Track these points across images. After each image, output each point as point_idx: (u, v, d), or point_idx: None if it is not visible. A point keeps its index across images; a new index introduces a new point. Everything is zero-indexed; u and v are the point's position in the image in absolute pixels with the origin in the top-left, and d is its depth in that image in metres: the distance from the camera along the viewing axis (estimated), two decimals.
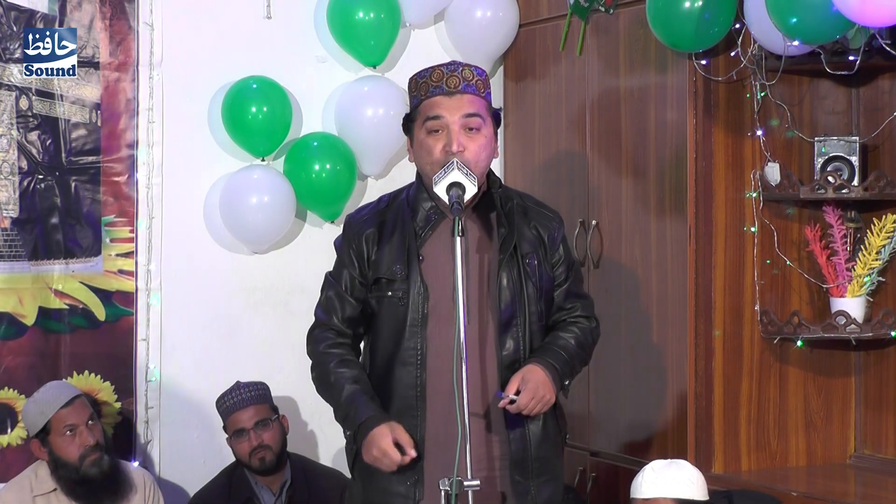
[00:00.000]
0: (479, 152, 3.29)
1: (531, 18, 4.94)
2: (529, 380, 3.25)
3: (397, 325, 3.32)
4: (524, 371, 3.28)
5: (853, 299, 4.23)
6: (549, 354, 3.34)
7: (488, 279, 3.33)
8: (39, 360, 4.42)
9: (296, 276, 4.82)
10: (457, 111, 3.28)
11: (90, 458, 4.10)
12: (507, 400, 3.22)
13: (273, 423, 4.38)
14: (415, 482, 3.29)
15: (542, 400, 3.27)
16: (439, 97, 3.30)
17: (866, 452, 4.41)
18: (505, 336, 3.33)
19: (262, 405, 4.39)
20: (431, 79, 3.32)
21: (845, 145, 4.25)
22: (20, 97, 4.41)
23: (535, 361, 3.31)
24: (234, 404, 4.37)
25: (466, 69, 3.34)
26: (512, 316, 3.33)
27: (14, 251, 4.40)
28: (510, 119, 5.04)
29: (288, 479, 4.41)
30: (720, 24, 4.07)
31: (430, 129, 3.29)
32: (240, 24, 4.73)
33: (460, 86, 3.30)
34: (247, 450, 4.35)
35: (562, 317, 3.46)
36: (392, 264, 3.33)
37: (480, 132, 3.30)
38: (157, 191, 4.59)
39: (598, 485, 4.58)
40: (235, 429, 4.36)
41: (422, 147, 3.32)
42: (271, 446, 4.35)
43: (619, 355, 4.48)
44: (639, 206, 4.42)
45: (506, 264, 3.33)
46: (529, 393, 3.24)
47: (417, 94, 3.35)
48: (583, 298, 3.52)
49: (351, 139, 4.77)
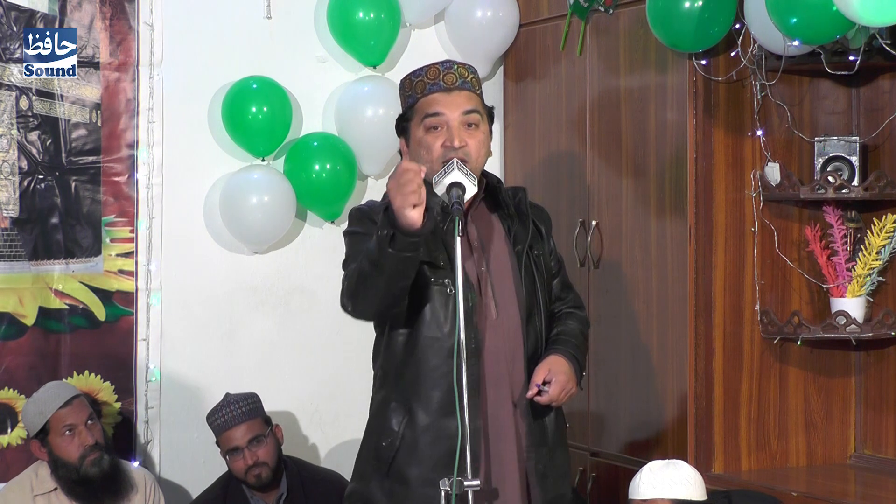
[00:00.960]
0: (479, 148, 3.29)
1: (531, 18, 4.94)
2: (557, 371, 3.28)
3: (447, 314, 3.25)
4: (549, 362, 3.29)
5: (853, 299, 4.23)
6: (568, 345, 3.38)
7: (510, 273, 3.34)
8: (39, 361, 4.42)
9: (296, 276, 4.81)
10: (456, 108, 3.27)
11: (90, 457, 4.10)
12: (537, 389, 3.24)
13: (266, 439, 4.32)
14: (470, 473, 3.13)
15: (570, 391, 3.30)
16: (438, 94, 3.29)
17: (866, 452, 4.41)
18: (529, 328, 3.35)
19: (255, 420, 4.33)
20: (427, 76, 3.31)
21: (845, 145, 4.25)
22: (20, 97, 4.41)
23: (558, 352, 3.33)
24: (226, 422, 4.31)
25: (461, 67, 3.34)
26: (532, 307, 3.36)
27: (14, 251, 4.40)
28: (510, 119, 5.04)
29: (284, 493, 4.36)
30: (720, 24, 4.06)
31: (428, 127, 3.28)
32: (240, 25, 4.73)
33: (457, 82, 3.30)
34: (242, 468, 4.29)
35: (559, 307, 3.50)
36: (434, 250, 3.24)
37: (479, 129, 3.30)
38: (158, 191, 4.59)
39: (598, 485, 4.58)
40: (229, 447, 4.31)
41: (420, 145, 3.31)
42: (267, 462, 4.30)
43: (619, 355, 4.48)
44: (639, 207, 4.42)
45: (523, 258, 3.36)
46: (560, 385, 3.27)
47: (412, 93, 3.34)
48: (573, 289, 3.58)
49: (351, 139, 4.77)
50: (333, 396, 4.82)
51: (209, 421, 4.38)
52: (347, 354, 4.80)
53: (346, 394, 4.83)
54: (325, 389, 4.85)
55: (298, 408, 4.82)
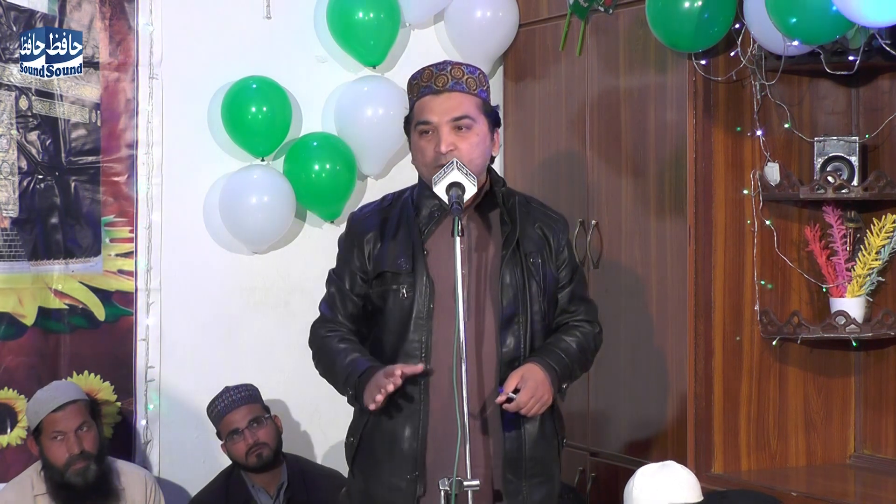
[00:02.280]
0: (472, 151, 3.28)
1: (531, 18, 4.94)
2: (529, 378, 3.25)
3: (403, 318, 3.31)
4: (523, 369, 3.27)
5: (853, 299, 4.23)
6: (550, 355, 3.34)
7: (490, 276, 3.33)
8: (39, 361, 4.42)
9: (295, 276, 4.81)
10: (444, 114, 3.28)
11: (75, 466, 4.08)
12: (506, 397, 3.22)
13: (267, 421, 4.38)
14: (416, 477, 3.29)
15: (541, 400, 3.26)
16: (427, 97, 3.31)
17: (866, 452, 4.41)
18: (506, 333, 3.32)
19: (254, 404, 4.38)
20: (422, 79, 3.34)
21: (845, 145, 4.25)
22: (20, 97, 4.41)
23: (535, 361, 3.31)
24: (226, 406, 4.36)
25: (456, 68, 3.34)
26: (514, 313, 3.33)
27: (14, 251, 4.40)
28: (510, 119, 5.04)
29: (285, 482, 4.40)
30: (720, 23, 4.07)
31: (421, 132, 3.31)
32: (239, 25, 4.73)
33: (448, 84, 3.30)
34: (243, 449, 4.33)
35: (565, 319, 3.45)
36: (396, 258, 3.32)
37: (472, 130, 3.29)
38: (157, 191, 4.59)
39: (597, 485, 4.58)
40: (229, 430, 4.34)
41: (416, 149, 3.35)
42: (267, 443, 4.34)
43: (618, 355, 4.48)
44: (638, 207, 4.42)
45: (508, 261, 3.33)
46: (529, 392, 3.23)
47: (411, 96, 3.37)
48: (587, 303, 3.51)
49: (351, 139, 4.77)
50: (333, 396, 4.75)
51: (209, 411, 4.40)
52: None
53: None
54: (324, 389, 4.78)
55: (298, 408, 4.82)
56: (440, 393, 3.27)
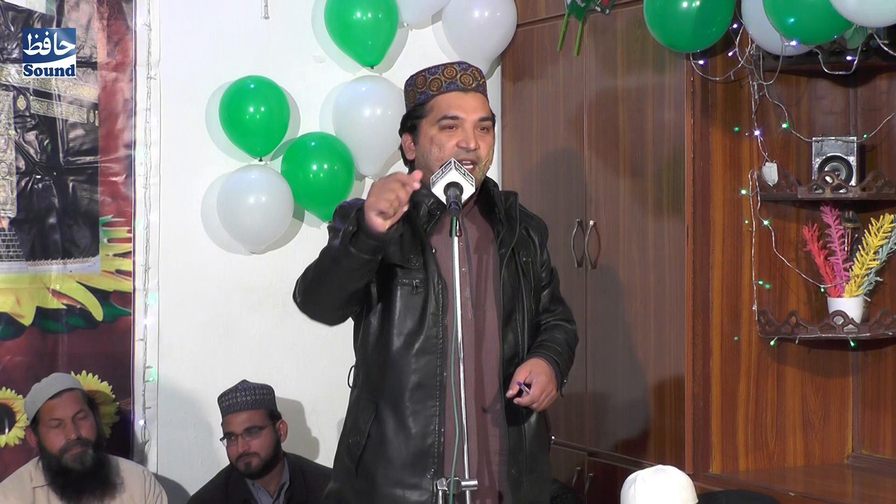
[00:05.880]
0: (489, 152, 3.32)
1: (529, 18, 4.94)
2: (539, 372, 3.26)
3: (416, 313, 3.28)
4: (531, 364, 3.27)
5: (851, 299, 4.24)
6: (551, 351, 3.36)
7: (491, 274, 3.33)
8: (37, 360, 4.42)
9: (293, 276, 4.71)
10: (473, 111, 3.29)
11: (72, 451, 4.10)
12: (518, 389, 3.22)
13: (263, 431, 4.36)
14: (433, 475, 3.22)
15: (551, 394, 3.28)
16: (455, 93, 3.30)
17: (864, 452, 4.42)
18: (507, 329, 3.33)
19: (257, 411, 4.37)
20: (444, 74, 3.32)
21: (843, 145, 4.25)
22: (18, 97, 4.41)
23: (539, 356, 3.32)
24: (229, 406, 4.37)
25: (475, 69, 3.36)
26: (512, 310, 3.34)
27: (12, 251, 4.40)
28: (508, 119, 5.04)
29: (286, 481, 4.41)
30: (718, 23, 4.07)
31: (444, 126, 3.29)
32: (237, 25, 4.73)
33: (473, 84, 3.32)
34: (234, 454, 4.35)
35: (547, 318, 3.47)
36: (406, 253, 3.28)
37: (489, 133, 3.33)
38: (155, 191, 4.59)
39: (595, 484, 4.58)
40: (226, 431, 4.37)
41: (432, 142, 3.31)
42: (258, 453, 4.34)
43: (616, 355, 4.48)
44: (636, 207, 4.42)
45: (508, 260, 3.34)
46: (540, 386, 3.24)
47: (426, 90, 3.33)
48: (563, 303, 3.55)
49: (349, 139, 4.77)
50: (331, 396, 4.82)
51: (219, 400, 4.42)
52: (345, 354, 4.74)
53: (343, 394, 4.75)
54: (322, 389, 4.85)
55: (296, 408, 4.82)
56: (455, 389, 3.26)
